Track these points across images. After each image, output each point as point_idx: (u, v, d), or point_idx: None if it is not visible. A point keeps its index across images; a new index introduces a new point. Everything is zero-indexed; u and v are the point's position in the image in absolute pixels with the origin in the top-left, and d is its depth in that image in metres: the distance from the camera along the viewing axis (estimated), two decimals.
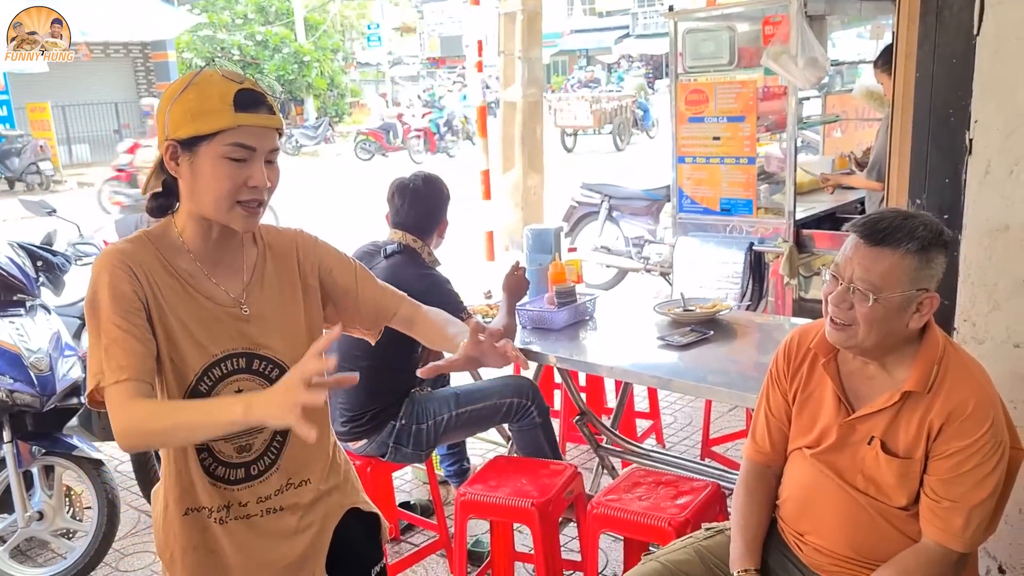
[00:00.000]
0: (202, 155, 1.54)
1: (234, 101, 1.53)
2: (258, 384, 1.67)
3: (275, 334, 1.70)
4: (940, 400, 1.77)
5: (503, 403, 3.11)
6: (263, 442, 1.71)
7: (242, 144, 1.54)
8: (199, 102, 1.54)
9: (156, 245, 1.63)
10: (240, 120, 1.53)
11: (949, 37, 2.19)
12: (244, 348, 1.66)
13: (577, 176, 9.07)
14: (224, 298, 1.66)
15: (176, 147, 1.55)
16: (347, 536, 1.83)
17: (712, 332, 3.08)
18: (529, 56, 8.27)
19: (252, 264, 1.72)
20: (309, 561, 1.78)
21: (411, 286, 2.89)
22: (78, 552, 3.28)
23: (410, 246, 3.04)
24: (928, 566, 1.77)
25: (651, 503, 2.53)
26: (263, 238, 1.77)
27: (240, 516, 1.70)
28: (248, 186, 1.56)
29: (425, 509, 3.62)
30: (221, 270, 1.68)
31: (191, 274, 1.64)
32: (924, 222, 1.76)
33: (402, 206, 3.06)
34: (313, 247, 1.82)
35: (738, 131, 4.53)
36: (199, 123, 1.53)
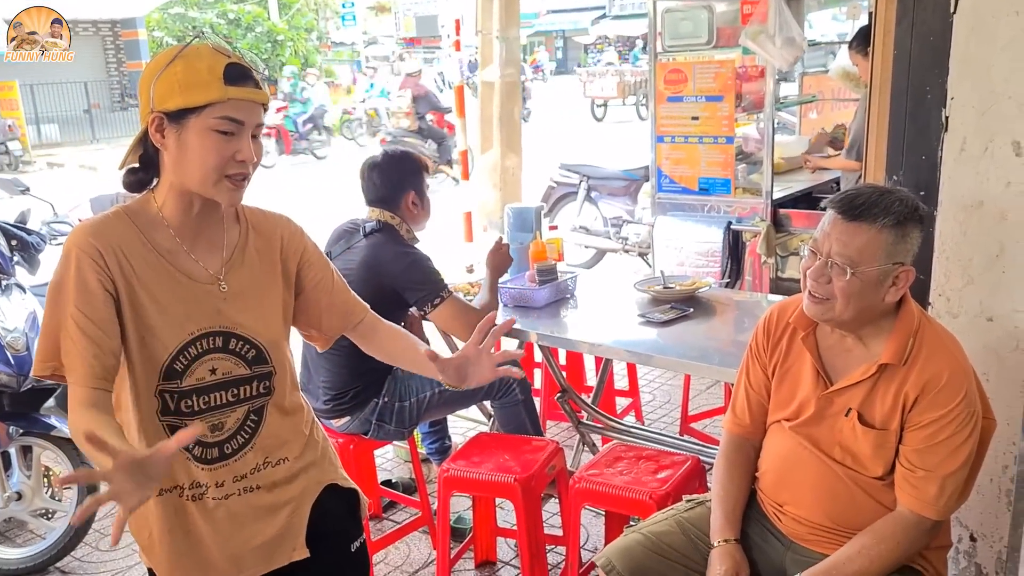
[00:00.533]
0: (190, 128, 1.54)
1: (224, 74, 1.53)
2: (233, 363, 1.67)
3: (252, 313, 1.70)
4: (915, 372, 1.81)
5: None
6: (236, 421, 1.70)
7: (231, 117, 1.54)
8: (188, 74, 1.53)
9: (133, 220, 1.61)
10: (230, 93, 1.53)
11: (926, 15, 2.21)
12: (221, 327, 1.66)
13: (556, 157, 9.06)
14: (203, 275, 1.65)
15: (163, 119, 1.55)
16: (326, 512, 1.83)
17: (692, 309, 3.11)
18: (507, 36, 8.22)
19: (233, 242, 1.72)
20: (287, 538, 1.77)
21: (391, 265, 2.92)
22: (58, 532, 3.27)
23: (388, 223, 3.03)
24: (903, 533, 1.81)
25: (632, 477, 2.56)
26: (247, 218, 1.76)
27: (217, 496, 1.69)
28: (236, 160, 1.56)
29: (407, 487, 3.64)
30: (201, 246, 1.67)
31: (170, 250, 1.63)
32: (900, 197, 1.80)
33: (368, 182, 3.09)
34: (299, 237, 1.82)
35: (716, 111, 4.56)
36: (188, 95, 1.52)
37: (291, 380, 1.80)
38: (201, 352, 1.64)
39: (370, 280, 2.87)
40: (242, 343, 1.68)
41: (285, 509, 1.77)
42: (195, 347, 1.63)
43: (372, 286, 2.81)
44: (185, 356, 1.62)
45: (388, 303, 2.91)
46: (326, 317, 1.87)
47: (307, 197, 10.38)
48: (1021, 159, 2.08)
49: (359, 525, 1.93)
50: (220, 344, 1.66)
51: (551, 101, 24.85)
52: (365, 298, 1.95)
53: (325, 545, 1.82)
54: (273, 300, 1.75)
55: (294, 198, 9.87)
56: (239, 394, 1.69)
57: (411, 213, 3.07)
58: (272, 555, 1.75)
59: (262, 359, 1.71)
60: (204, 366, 1.64)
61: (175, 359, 1.61)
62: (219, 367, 1.66)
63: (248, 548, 1.73)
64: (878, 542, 1.81)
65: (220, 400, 1.67)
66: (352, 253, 2.99)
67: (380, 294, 2.83)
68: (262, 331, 1.71)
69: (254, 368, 1.70)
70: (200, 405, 1.65)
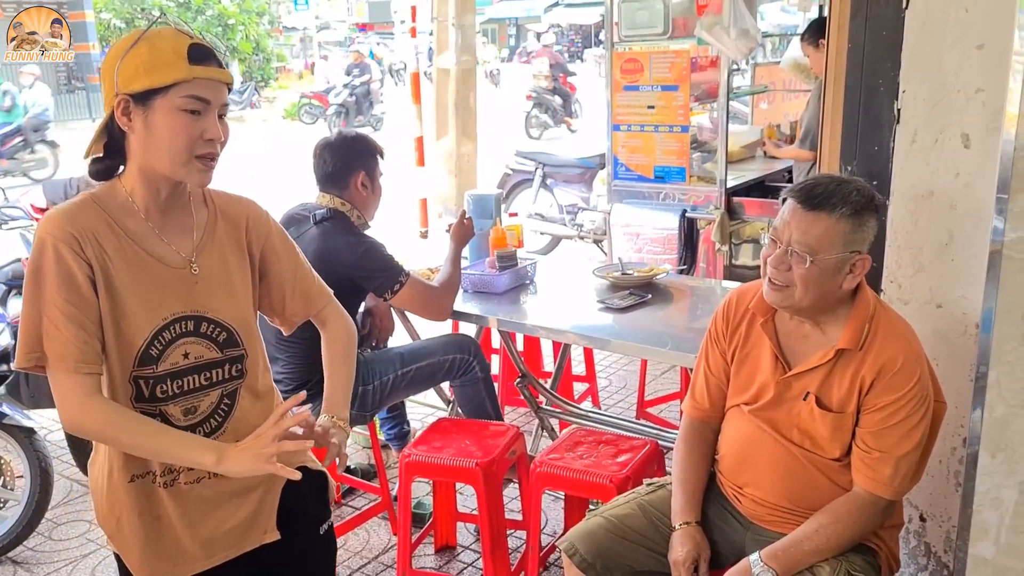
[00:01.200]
0: (157, 108, 1.54)
1: (188, 54, 1.54)
2: (205, 347, 1.67)
3: (222, 296, 1.70)
4: (871, 357, 1.86)
5: (447, 359, 3.14)
6: (210, 404, 1.70)
7: (197, 96, 1.55)
8: (152, 55, 1.53)
9: (102, 207, 1.60)
10: (195, 72, 1.54)
11: (880, 10, 2.28)
12: (192, 311, 1.66)
13: (511, 144, 9.08)
14: (174, 258, 1.65)
15: (128, 101, 1.54)
16: (296, 495, 1.84)
17: (650, 295, 3.15)
18: (462, 23, 8.23)
19: (202, 224, 1.72)
20: (258, 521, 1.78)
21: (344, 255, 2.89)
22: (10, 522, 3.22)
23: (339, 210, 3.00)
24: (858, 512, 1.87)
25: (592, 461, 2.60)
26: (214, 201, 1.76)
27: (189, 480, 1.69)
28: (204, 139, 1.57)
29: (365, 473, 3.64)
30: (171, 229, 1.67)
31: (140, 235, 1.62)
32: (857, 187, 1.85)
33: (319, 159, 3.06)
34: (264, 221, 1.82)
35: (672, 100, 4.61)
36: (153, 76, 1.52)
37: (263, 363, 1.81)
38: (175, 336, 1.64)
39: (324, 271, 2.84)
40: (213, 326, 1.68)
41: (256, 492, 1.77)
42: (169, 331, 1.63)
43: (327, 276, 2.80)
44: (160, 341, 1.62)
45: (344, 292, 2.90)
46: (289, 302, 1.87)
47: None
48: (969, 151, 2.15)
49: (327, 508, 1.94)
50: (192, 328, 1.66)
51: (506, 88, 24.82)
52: None
53: (294, 527, 1.83)
54: (242, 283, 1.76)
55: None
56: (212, 377, 1.69)
57: (360, 195, 3.03)
58: (243, 538, 1.76)
59: (233, 342, 1.71)
60: (178, 351, 1.64)
61: (150, 344, 1.61)
62: (192, 351, 1.66)
63: (219, 532, 1.73)
64: (835, 521, 1.87)
65: (193, 384, 1.67)
66: (303, 242, 2.95)
67: (336, 284, 2.82)
68: (232, 314, 1.71)
69: (226, 351, 1.70)
70: (174, 390, 1.65)
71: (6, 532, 3.20)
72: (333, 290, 2.01)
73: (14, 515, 3.23)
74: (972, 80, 2.12)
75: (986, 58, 2.09)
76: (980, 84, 2.11)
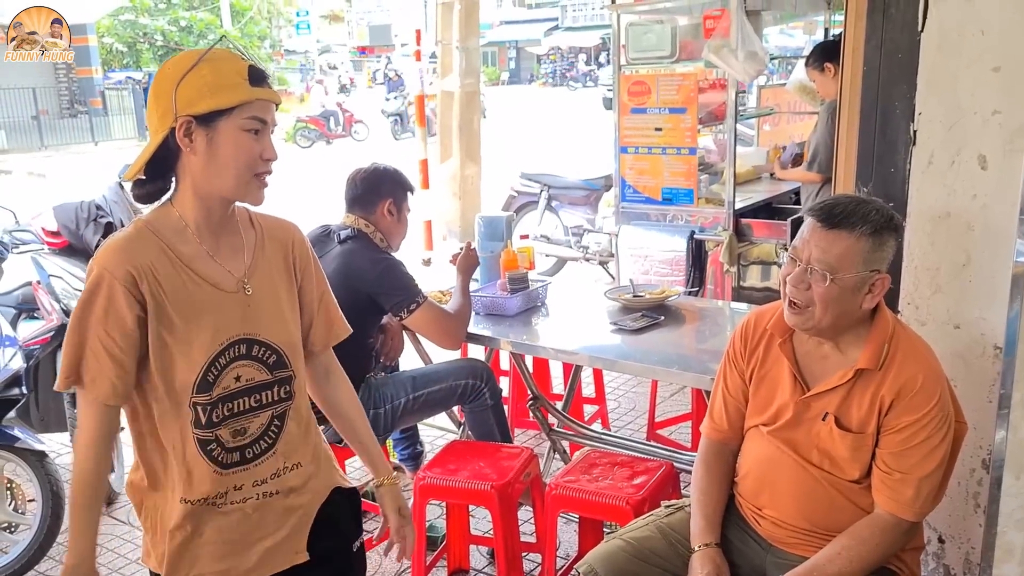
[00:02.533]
0: (222, 130, 1.57)
1: (248, 75, 1.58)
2: (256, 369, 1.69)
3: (272, 318, 1.72)
4: (891, 377, 1.86)
5: (458, 384, 3.14)
6: (260, 426, 1.71)
7: (258, 117, 1.60)
8: (216, 77, 1.56)
9: (157, 234, 1.62)
10: (256, 94, 1.58)
11: (895, 33, 2.29)
12: (245, 334, 1.67)
13: (515, 166, 9.11)
14: (228, 281, 1.67)
15: (191, 123, 1.56)
16: (332, 513, 1.85)
17: (663, 317, 3.16)
18: (467, 46, 8.28)
19: (252, 245, 1.74)
20: (291, 542, 1.79)
21: (366, 272, 2.92)
22: (21, 546, 3.20)
23: (363, 231, 3.04)
24: (881, 535, 1.86)
25: (608, 483, 2.59)
26: (260, 223, 1.78)
27: (235, 500, 1.69)
28: (263, 158, 1.62)
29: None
30: (224, 251, 1.69)
31: (195, 259, 1.64)
32: (876, 207, 1.86)
33: (351, 183, 3.13)
34: (306, 246, 1.85)
35: (679, 122, 4.63)
36: (219, 97, 1.56)
37: (305, 385, 1.83)
38: (229, 361, 1.65)
39: (345, 287, 2.86)
40: (264, 349, 1.70)
41: (295, 514, 1.78)
42: (225, 356, 1.65)
43: (347, 292, 2.81)
44: (216, 366, 1.64)
45: (363, 310, 2.91)
46: (315, 329, 1.88)
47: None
48: (986, 172, 2.16)
49: (360, 525, 1.97)
50: (245, 351, 1.67)
51: (506, 110, 24.94)
52: (340, 306, 1.97)
53: (328, 546, 1.84)
54: (290, 305, 1.78)
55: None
56: (261, 399, 1.70)
57: (385, 221, 3.08)
58: (273, 559, 1.76)
59: (282, 364, 1.73)
60: (230, 374, 1.66)
61: (207, 371, 1.63)
62: (243, 374, 1.67)
63: (252, 551, 1.74)
64: (857, 544, 1.86)
65: (243, 406, 1.68)
66: (326, 261, 2.99)
67: (355, 301, 2.83)
68: (282, 336, 1.73)
69: (275, 373, 1.72)
70: (225, 412, 1.66)
71: (18, 556, 3.19)
72: (351, 308, 2.02)
73: (26, 539, 3.21)
74: (988, 102, 2.14)
75: (1002, 80, 2.11)
76: (996, 106, 2.12)
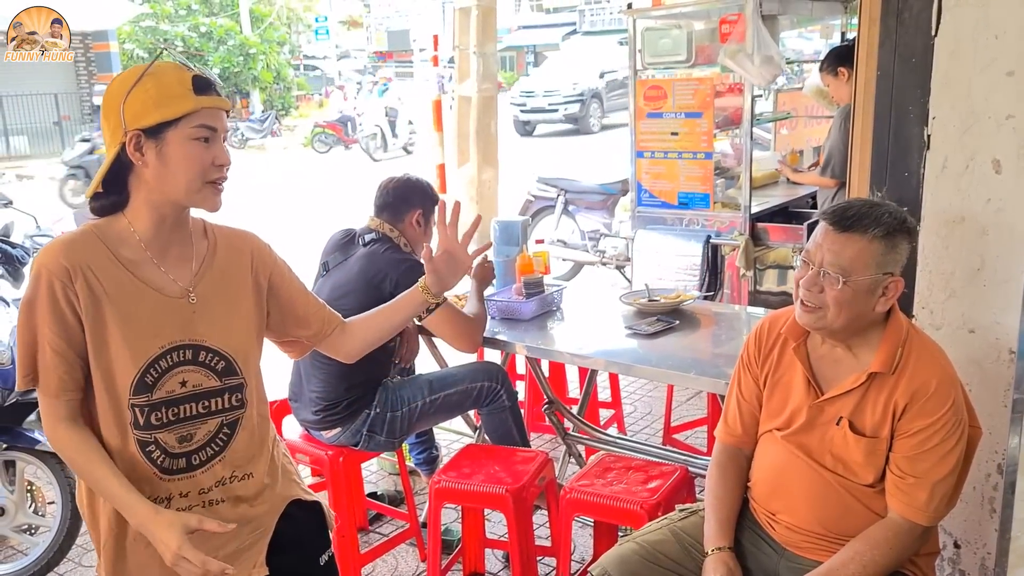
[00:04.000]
0: (170, 140, 1.61)
1: (193, 85, 1.61)
2: (204, 375, 1.71)
3: (221, 325, 1.74)
4: (904, 381, 1.86)
5: (474, 387, 3.15)
6: (207, 433, 1.72)
7: (206, 125, 1.63)
8: (160, 89, 1.60)
9: (102, 237, 1.65)
10: (202, 102, 1.62)
11: (908, 38, 2.29)
12: (190, 340, 1.69)
13: (532, 170, 9.12)
14: (172, 287, 1.69)
15: (140, 136, 1.60)
16: (292, 527, 1.86)
17: (677, 321, 3.16)
18: (484, 51, 8.30)
19: (202, 255, 1.76)
20: (248, 555, 1.78)
21: (391, 271, 2.93)
22: (41, 548, 3.24)
23: (387, 235, 3.07)
24: (895, 539, 1.86)
25: (623, 487, 2.59)
26: (215, 233, 1.81)
27: (181, 508, 1.69)
28: (215, 165, 1.65)
29: (392, 499, 3.65)
30: (170, 259, 1.71)
31: (138, 264, 1.67)
32: (889, 210, 1.86)
33: (382, 190, 3.16)
34: (268, 253, 1.88)
35: (695, 127, 4.63)
36: (164, 109, 1.59)
37: (260, 394, 1.84)
38: (171, 365, 1.67)
39: (368, 288, 2.89)
40: (211, 355, 1.72)
41: (247, 526, 1.78)
42: (165, 360, 1.66)
43: (370, 294, 2.84)
44: (155, 369, 1.65)
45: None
46: (302, 327, 1.93)
47: None
48: (1001, 176, 2.15)
49: (326, 538, 1.96)
50: (190, 356, 1.69)
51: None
52: (361, 307, 2.00)
53: (292, 559, 1.85)
54: (244, 313, 1.79)
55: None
56: (210, 406, 1.72)
57: (412, 230, 3.11)
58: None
59: (232, 371, 1.74)
60: (174, 379, 1.68)
61: (145, 373, 1.65)
62: (189, 379, 1.69)
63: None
64: (871, 548, 1.85)
65: (190, 412, 1.70)
66: (350, 263, 3.02)
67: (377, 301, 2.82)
68: (231, 343, 1.75)
69: (224, 380, 1.73)
70: (169, 417, 1.68)
71: (37, 558, 3.23)
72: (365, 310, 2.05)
73: (45, 541, 3.25)
74: (1003, 106, 2.13)
75: (1017, 84, 2.10)
76: (1011, 110, 2.12)
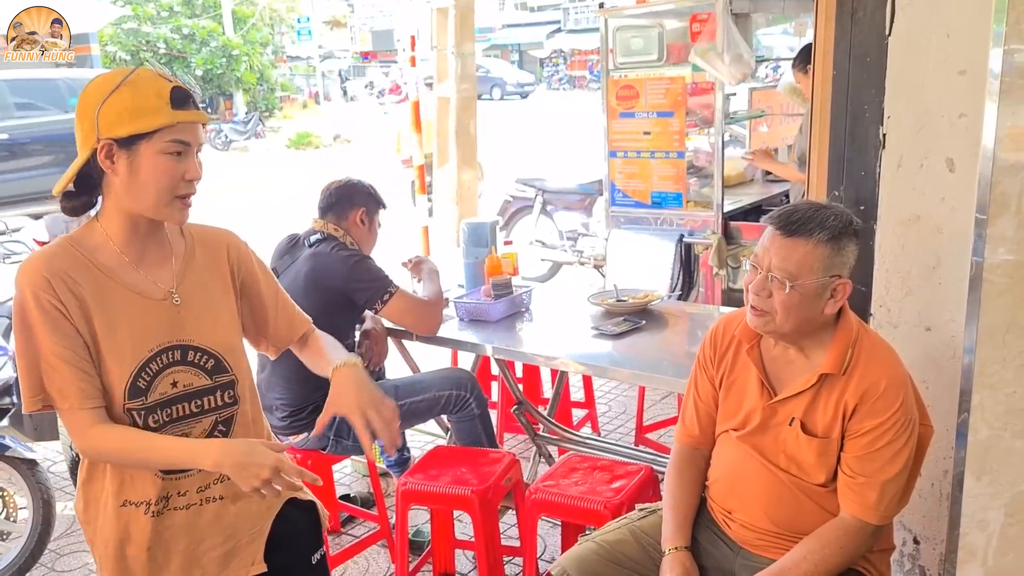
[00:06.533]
0: (142, 153, 1.59)
1: (170, 99, 1.58)
2: (194, 375, 1.71)
3: (206, 324, 1.74)
4: (854, 381, 1.88)
5: (442, 395, 3.15)
6: (203, 431, 1.73)
7: (180, 140, 1.60)
8: (136, 100, 1.57)
9: (78, 247, 1.65)
10: (178, 117, 1.59)
11: (863, 37, 2.30)
12: (178, 340, 1.70)
13: (511, 171, 9.13)
14: (154, 290, 1.69)
15: (112, 146, 1.58)
16: (287, 526, 1.87)
17: (644, 321, 3.17)
18: (462, 51, 8.30)
19: (181, 254, 1.76)
20: (246, 552, 1.80)
21: (336, 268, 2.94)
22: (12, 553, 3.23)
23: (332, 234, 3.08)
24: (845, 538, 1.87)
25: (587, 487, 2.60)
26: (191, 232, 1.81)
27: (179, 506, 1.72)
28: (185, 179, 1.63)
29: (365, 501, 3.65)
30: (149, 262, 1.71)
31: (117, 270, 1.66)
32: (835, 213, 1.87)
33: (325, 191, 3.17)
34: (245, 251, 1.88)
35: (667, 126, 4.65)
36: (139, 121, 1.57)
37: (253, 390, 1.85)
38: (161, 367, 1.67)
39: (316, 288, 2.91)
40: (200, 354, 1.72)
41: (247, 523, 1.80)
42: (155, 363, 1.67)
43: (320, 294, 2.86)
44: (147, 372, 1.66)
45: (337, 309, 2.94)
46: (272, 327, 1.92)
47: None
48: (955, 175, 2.17)
49: (319, 537, 1.97)
50: (179, 357, 1.69)
51: (509, 114, 24.95)
52: (313, 308, 1.99)
53: (285, 558, 1.86)
54: (226, 310, 1.80)
55: None
56: (203, 405, 1.73)
57: (357, 228, 3.12)
58: (227, 567, 1.78)
59: (222, 368, 1.75)
60: (166, 380, 1.68)
61: (137, 377, 1.65)
62: (180, 380, 1.70)
63: (205, 559, 1.76)
64: (823, 546, 1.87)
65: (184, 411, 1.71)
66: (297, 266, 3.03)
67: (328, 301, 2.87)
68: (218, 341, 1.75)
69: (215, 378, 1.74)
70: (164, 418, 1.68)
71: (8, 564, 3.21)
72: (325, 310, 2.05)
73: (16, 547, 3.24)
74: (955, 105, 2.15)
75: (968, 83, 2.11)
76: (963, 109, 2.13)
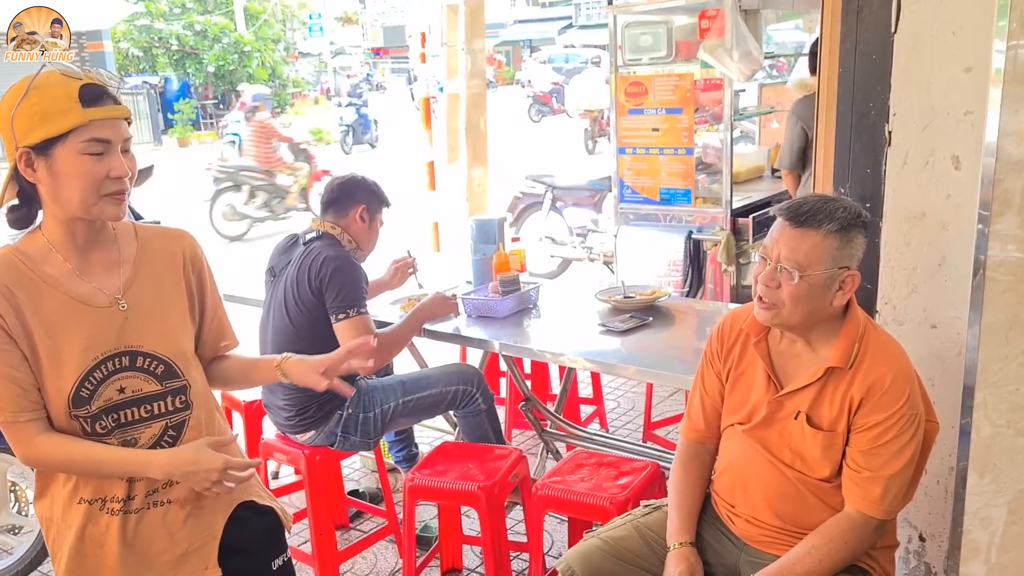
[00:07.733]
0: (58, 157, 1.55)
1: (80, 97, 1.54)
2: (143, 380, 1.69)
3: (156, 329, 1.71)
4: (860, 375, 1.88)
5: (449, 391, 3.16)
6: (151, 436, 1.71)
7: (97, 138, 1.56)
8: (44, 104, 1.54)
9: (21, 257, 1.62)
10: (90, 115, 1.54)
11: (869, 35, 2.30)
12: (126, 347, 1.67)
13: (521, 167, 9.14)
14: (99, 298, 1.66)
15: (30, 153, 1.55)
16: (244, 530, 1.84)
17: (651, 318, 3.17)
18: (472, 48, 8.30)
19: (130, 259, 1.73)
20: (198, 556, 1.77)
21: (316, 268, 2.85)
22: (24, 547, 3.26)
23: (329, 232, 3.02)
24: (850, 532, 1.88)
25: (593, 484, 2.61)
26: (144, 234, 1.78)
27: (130, 510, 1.70)
28: (110, 177, 1.58)
29: (374, 496, 3.67)
30: (94, 268, 1.68)
31: (61, 279, 1.64)
32: (844, 205, 1.88)
33: (327, 188, 3.14)
34: (199, 254, 1.85)
35: (676, 122, 4.65)
36: (49, 126, 1.53)
37: (207, 394, 1.83)
38: (107, 375, 1.65)
39: (304, 287, 2.87)
40: (149, 360, 1.70)
41: (196, 526, 1.77)
42: (100, 371, 1.64)
43: (307, 293, 2.84)
44: (90, 382, 1.63)
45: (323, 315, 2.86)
46: (204, 332, 1.88)
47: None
48: (960, 172, 2.17)
49: (280, 542, 1.94)
50: (127, 363, 1.67)
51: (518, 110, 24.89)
52: (302, 311, 1.96)
53: (243, 563, 1.84)
54: (180, 314, 1.77)
55: None
56: (152, 410, 1.71)
57: (357, 225, 3.05)
58: (180, 570, 1.76)
59: (173, 374, 1.73)
60: (112, 387, 1.66)
61: (80, 387, 1.63)
62: (128, 385, 1.67)
63: (156, 564, 1.74)
64: (827, 542, 1.88)
65: (131, 416, 1.68)
66: (291, 266, 2.98)
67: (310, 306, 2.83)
68: (169, 346, 1.73)
69: (165, 383, 1.72)
70: (111, 424, 1.67)
71: (21, 557, 3.25)
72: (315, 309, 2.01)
73: (28, 541, 3.27)
74: (961, 103, 2.15)
75: (973, 81, 2.12)
76: (969, 107, 2.13)
